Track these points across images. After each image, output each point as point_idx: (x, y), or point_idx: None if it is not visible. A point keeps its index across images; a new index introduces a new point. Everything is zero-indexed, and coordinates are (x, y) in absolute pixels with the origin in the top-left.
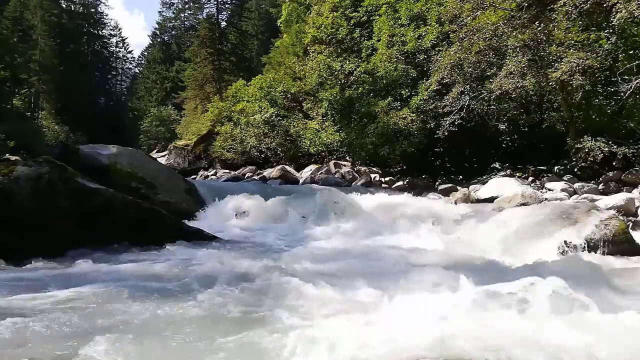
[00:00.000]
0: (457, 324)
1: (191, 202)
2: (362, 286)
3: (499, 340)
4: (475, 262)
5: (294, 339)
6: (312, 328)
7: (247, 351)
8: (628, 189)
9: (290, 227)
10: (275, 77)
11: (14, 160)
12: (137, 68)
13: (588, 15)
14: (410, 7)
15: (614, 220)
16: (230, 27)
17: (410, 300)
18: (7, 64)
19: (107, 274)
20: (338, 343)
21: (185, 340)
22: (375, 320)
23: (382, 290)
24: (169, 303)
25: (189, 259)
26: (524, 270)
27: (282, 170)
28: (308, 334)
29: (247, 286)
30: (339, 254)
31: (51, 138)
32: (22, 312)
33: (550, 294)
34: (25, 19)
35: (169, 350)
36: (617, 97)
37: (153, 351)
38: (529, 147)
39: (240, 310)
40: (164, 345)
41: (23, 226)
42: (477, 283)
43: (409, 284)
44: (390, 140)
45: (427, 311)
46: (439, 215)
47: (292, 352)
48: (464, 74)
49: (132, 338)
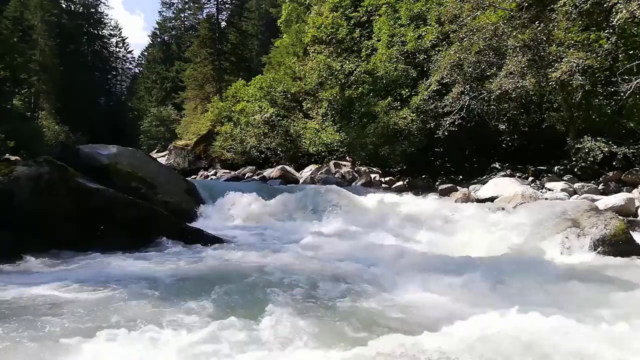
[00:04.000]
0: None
1: (191, 202)
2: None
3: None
4: (475, 262)
5: (294, 339)
6: (312, 328)
7: (245, 351)
8: (628, 189)
9: (290, 227)
10: (275, 77)
11: (14, 160)
12: (137, 68)
13: (588, 15)
14: (410, 7)
15: (614, 220)
16: (230, 27)
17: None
18: (7, 64)
19: (106, 274)
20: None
21: (185, 340)
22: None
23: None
24: (168, 303)
25: (189, 259)
26: (523, 271)
27: (282, 170)
28: (308, 334)
29: (247, 286)
30: (339, 254)
31: (51, 138)
32: (21, 312)
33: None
34: (25, 19)
35: (168, 350)
36: (617, 97)
37: (152, 351)
38: (529, 147)
39: (240, 310)
40: (163, 345)
41: (23, 226)
42: (477, 284)
43: (407, 285)
44: (390, 140)
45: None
46: (439, 216)
47: (292, 351)
48: (464, 74)
49: (131, 338)
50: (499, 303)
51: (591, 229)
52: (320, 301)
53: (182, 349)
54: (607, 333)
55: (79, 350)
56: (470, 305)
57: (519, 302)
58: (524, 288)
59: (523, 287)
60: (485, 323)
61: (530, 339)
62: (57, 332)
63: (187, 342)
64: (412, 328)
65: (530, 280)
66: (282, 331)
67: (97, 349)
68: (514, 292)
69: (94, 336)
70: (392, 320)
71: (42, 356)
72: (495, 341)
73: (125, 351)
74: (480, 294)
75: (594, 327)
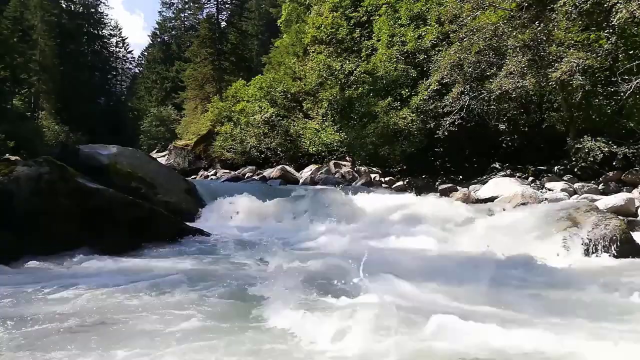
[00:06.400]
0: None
1: (191, 202)
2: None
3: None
4: (475, 262)
5: (293, 339)
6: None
7: (244, 351)
8: (628, 189)
9: (290, 227)
10: (275, 77)
11: (14, 160)
12: (137, 68)
13: (588, 15)
14: (410, 7)
15: (614, 221)
16: (230, 27)
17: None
18: (7, 64)
19: (106, 274)
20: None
21: (185, 340)
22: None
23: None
24: (167, 303)
25: (188, 259)
26: (523, 271)
27: (282, 170)
28: (307, 334)
29: (246, 286)
30: (338, 254)
31: (51, 138)
32: (20, 313)
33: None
34: (25, 19)
35: (167, 350)
36: (617, 97)
37: (151, 350)
38: (529, 147)
39: (240, 310)
40: (162, 345)
41: (23, 226)
42: (476, 284)
43: (406, 286)
44: (390, 140)
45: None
46: (439, 216)
47: (291, 350)
48: (464, 74)
49: (130, 337)
50: (497, 303)
51: (591, 229)
52: (320, 301)
53: (181, 348)
54: (607, 333)
55: (79, 350)
56: (468, 305)
57: (517, 302)
58: (524, 288)
59: (522, 288)
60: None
61: (526, 341)
62: (56, 332)
63: (186, 342)
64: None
65: (529, 280)
66: (282, 332)
67: (98, 349)
68: (513, 293)
69: (94, 336)
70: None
71: (42, 356)
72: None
73: (122, 350)
74: (479, 294)
75: (594, 327)
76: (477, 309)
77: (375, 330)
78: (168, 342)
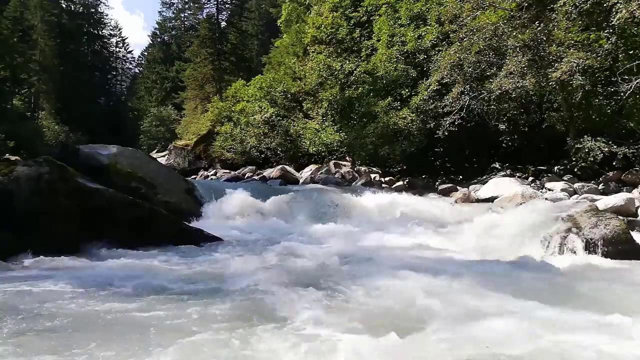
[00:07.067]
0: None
1: (191, 202)
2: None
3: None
4: (473, 262)
5: (294, 339)
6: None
7: (243, 351)
8: (628, 189)
9: (289, 227)
10: (275, 77)
11: (14, 160)
12: (137, 68)
13: (588, 15)
14: (410, 7)
15: (614, 221)
16: (230, 27)
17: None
18: (7, 64)
19: (106, 273)
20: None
21: (184, 340)
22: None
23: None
24: (167, 303)
25: (189, 259)
26: (522, 271)
27: (282, 170)
28: (308, 334)
29: (246, 286)
30: (337, 254)
31: (51, 138)
32: (20, 313)
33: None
34: (25, 19)
35: (167, 350)
36: (617, 97)
37: (150, 350)
38: (529, 147)
39: (239, 310)
40: (162, 344)
41: (23, 226)
42: (475, 284)
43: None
44: (390, 140)
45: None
46: (439, 216)
47: (293, 352)
48: (464, 74)
49: (129, 337)
50: (496, 303)
51: (591, 229)
52: (320, 300)
53: (181, 348)
54: (607, 334)
55: (79, 350)
56: (465, 304)
57: (516, 302)
58: (523, 288)
59: (522, 288)
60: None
61: (526, 340)
62: (56, 332)
63: (186, 342)
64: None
65: (529, 280)
66: (281, 331)
67: (97, 349)
68: (512, 293)
69: (94, 336)
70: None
71: (42, 356)
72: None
73: (126, 351)
74: (478, 294)
75: (593, 328)
76: (474, 308)
77: (375, 330)
78: (167, 342)
